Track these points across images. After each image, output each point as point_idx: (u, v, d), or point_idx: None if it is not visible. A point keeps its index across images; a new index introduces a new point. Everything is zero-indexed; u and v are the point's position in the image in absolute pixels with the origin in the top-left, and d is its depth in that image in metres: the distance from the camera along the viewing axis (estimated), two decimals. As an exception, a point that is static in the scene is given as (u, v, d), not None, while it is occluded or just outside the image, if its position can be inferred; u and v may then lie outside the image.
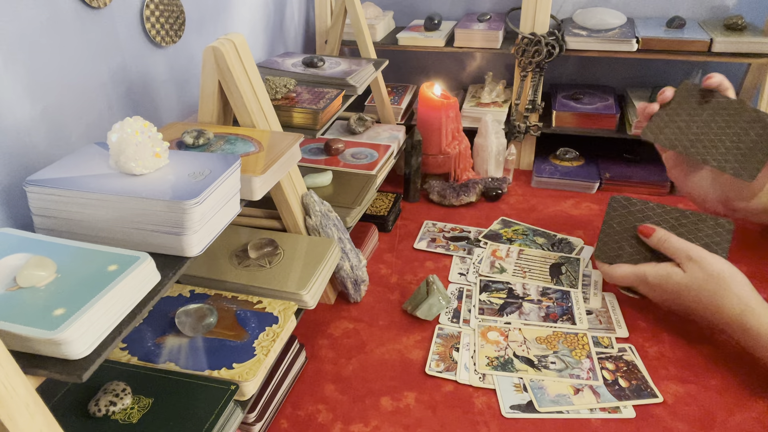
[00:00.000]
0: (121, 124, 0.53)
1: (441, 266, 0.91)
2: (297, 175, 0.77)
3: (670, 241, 0.74)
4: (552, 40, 1.10)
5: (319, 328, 0.78)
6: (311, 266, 0.70)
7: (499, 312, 0.79)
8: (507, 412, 0.65)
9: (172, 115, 0.86)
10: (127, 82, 0.76)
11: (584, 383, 0.68)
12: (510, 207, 1.08)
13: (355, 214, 0.84)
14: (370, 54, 1.13)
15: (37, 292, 0.43)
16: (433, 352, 0.73)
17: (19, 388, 0.36)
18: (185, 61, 0.87)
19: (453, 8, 1.35)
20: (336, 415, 0.65)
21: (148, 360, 0.59)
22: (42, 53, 0.63)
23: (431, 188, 1.09)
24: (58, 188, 0.52)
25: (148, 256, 0.47)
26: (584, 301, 0.81)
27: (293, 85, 0.84)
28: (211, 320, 0.62)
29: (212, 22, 0.93)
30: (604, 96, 1.22)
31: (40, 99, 0.63)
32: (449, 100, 1.08)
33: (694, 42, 1.06)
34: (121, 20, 0.74)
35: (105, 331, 0.42)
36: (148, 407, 0.54)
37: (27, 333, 0.39)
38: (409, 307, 0.80)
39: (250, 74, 0.71)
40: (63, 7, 0.65)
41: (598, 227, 1.00)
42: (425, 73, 1.41)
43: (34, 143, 0.63)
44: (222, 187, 0.54)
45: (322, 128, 0.81)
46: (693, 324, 0.77)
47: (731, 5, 1.20)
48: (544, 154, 1.22)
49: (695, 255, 0.71)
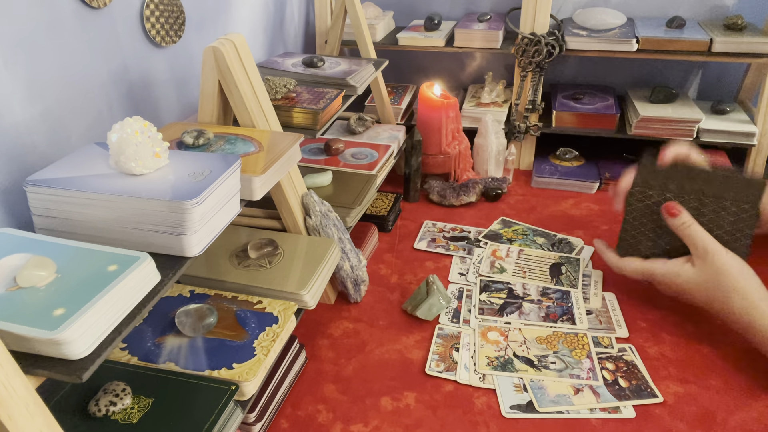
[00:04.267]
0: (121, 124, 0.53)
1: (441, 266, 0.91)
2: (297, 175, 0.77)
3: (692, 228, 0.73)
4: (552, 40, 1.10)
5: (319, 328, 0.78)
6: (311, 266, 0.70)
7: (499, 312, 0.79)
8: (507, 412, 0.65)
9: (172, 115, 0.86)
10: (127, 82, 0.76)
11: (584, 383, 0.68)
12: (510, 207, 1.08)
13: (355, 214, 0.84)
14: (370, 54, 1.13)
15: (37, 292, 0.43)
16: (433, 352, 0.73)
17: (19, 388, 0.36)
18: (185, 61, 0.87)
19: (453, 8, 1.35)
20: (336, 415, 0.65)
21: (148, 360, 0.59)
22: (42, 53, 0.63)
23: (431, 188, 1.09)
24: (58, 188, 0.52)
25: (148, 256, 0.47)
26: (584, 301, 0.81)
27: (293, 85, 0.84)
28: (211, 320, 0.62)
29: (212, 22, 0.93)
30: (604, 96, 1.22)
31: (40, 99, 0.63)
32: (449, 100, 1.08)
33: (694, 42, 1.06)
34: (121, 20, 0.74)
35: (105, 331, 0.42)
36: (148, 407, 0.54)
37: (27, 333, 0.39)
38: (409, 307, 0.80)
39: (250, 74, 0.71)
40: (63, 7, 0.65)
41: (598, 227, 1.00)
42: (425, 73, 1.41)
43: (34, 143, 0.63)
44: (222, 187, 0.54)
45: (322, 128, 0.81)
46: (693, 324, 0.77)
47: (731, 5, 1.20)
48: (544, 154, 1.22)
49: (711, 249, 0.71)
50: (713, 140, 1.10)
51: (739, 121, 1.11)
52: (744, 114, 1.14)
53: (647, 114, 1.10)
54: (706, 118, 1.10)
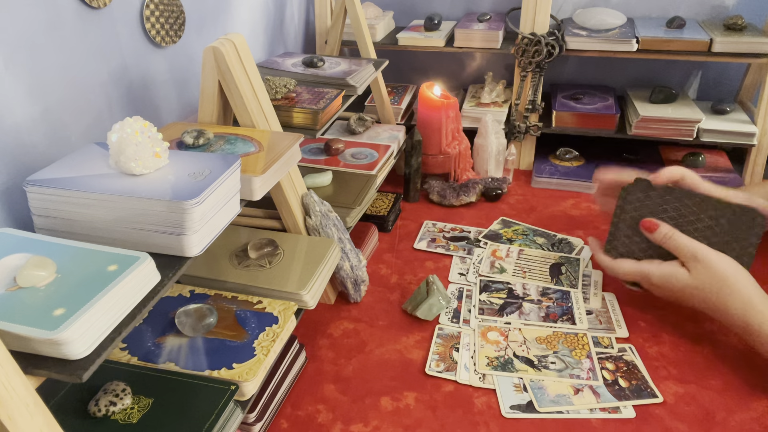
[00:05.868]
0: (121, 124, 0.53)
1: (441, 266, 0.91)
2: (297, 175, 0.77)
3: (674, 239, 0.73)
4: (552, 40, 1.10)
5: (319, 328, 0.78)
6: (311, 266, 0.70)
7: (499, 312, 0.79)
8: (507, 412, 0.65)
9: (172, 115, 0.86)
10: (127, 82, 0.76)
11: (584, 383, 0.68)
12: (510, 207, 1.08)
13: (355, 214, 0.84)
14: (370, 54, 1.13)
15: (37, 292, 0.43)
16: (433, 352, 0.73)
17: (19, 388, 0.36)
18: (185, 61, 0.87)
19: (453, 8, 1.35)
20: (336, 415, 0.65)
21: (148, 360, 0.59)
22: (42, 53, 0.63)
23: (431, 188, 1.09)
24: (58, 188, 0.52)
25: (148, 256, 0.47)
26: (584, 301, 0.81)
27: (293, 85, 0.84)
28: (211, 320, 0.62)
29: (212, 22, 0.93)
30: (604, 96, 1.22)
31: (40, 99, 0.63)
32: (449, 100, 1.08)
33: (694, 42, 1.06)
34: (121, 20, 0.74)
35: (105, 331, 0.42)
36: (148, 407, 0.54)
37: (27, 333, 0.39)
38: (409, 307, 0.80)
39: (250, 74, 0.71)
40: (63, 7, 0.65)
41: (598, 227, 1.00)
42: (425, 73, 1.41)
43: (34, 143, 0.63)
44: (222, 187, 0.54)
45: (322, 128, 0.81)
46: (693, 324, 0.77)
47: (731, 5, 1.20)
48: (544, 154, 1.22)
49: (701, 255, 0.70)
50: (713, 140, 1.10)
51: (739, 121, 1.11)
52: (744, 114, 1.14)
53: (647, 114, 1.10)
54: (706, 118, 1.10)
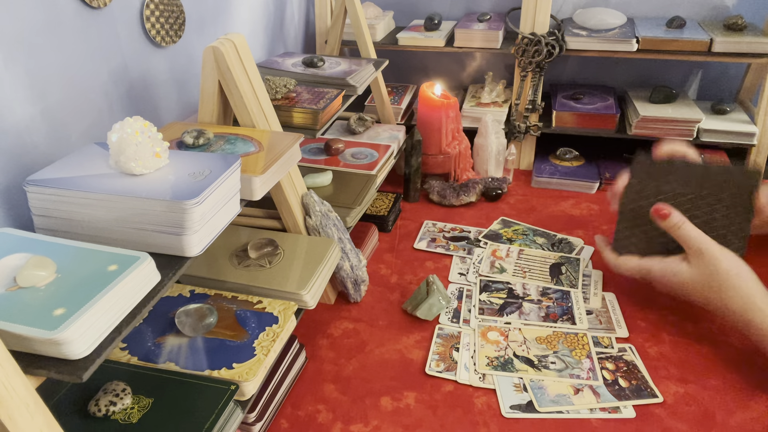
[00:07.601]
0: (121, 124, 0.53)
1: (441, 266, 0.91)
2: (297, 175, 0.77)
3: (684, 228, 0.72)
4: (552, 40, 1.10)
5: (319, 328, 0.78)
6: (311, 266, 0.70)
7: (499, 312, 0.79)
8: (507, 412, 0.65)
9: (172, 115, 0.86)
10: (127, 82, 0.76)
11: (584, 383, 0.68)
12: (510, 207, 1.08)
13: (355, 214, 0.84)
14: (370, 54, 1.13)
15: (37, 292, 0.43)
16: (433, 352, 0.73)
17: (19, 388, 0.36)
18: (185, 61, 0.87)
19: (453, 8, 1.35)
20: (336, 415, 0.65)
21: (148, 360, 0.59)
22: (42, 53, 0.63)
23: (431, 188, 1.09)
24: (58, 188, 0.52)
25: (148, 256, 0.47)
26: (584, 301, 0.81)
27: (293, 85, 0.84)
28: (211, 320, 0.62)
29: (212, 22, 0.93)
30: (604, 96, 1.22)
31: (40, 99, 0.63)
32: (449, 100, 1.08)
33: (694, 42, 1.06)
34: (121, 20, 0.74)
35: (105, 331, 0.42)
36: (148, 407, 0.54)
37: (27, 333, 0.39)
38: (409, 307, 0.80)
39: (250, 74, 0.71)
40: (63, 7, 0.65)
41: (598, 227, 1.00)
42: (425, 73, 1.41)
43: (34, 143, 0.63)
44: (222, 187, 0.54)
45: (322, 128, 0.81)
46: (693, 324, 0.77)
47: (731, 5, 1.20)
48: (544, 154, 1.22)
49: (705, 248, 0.70)
50: (713, 140, 1.10)
51: (739, 121, 1.11)
52: (744, 114, 1.14)
53: (647, 114, 1.10)
54: (706, 118, 1.10)
